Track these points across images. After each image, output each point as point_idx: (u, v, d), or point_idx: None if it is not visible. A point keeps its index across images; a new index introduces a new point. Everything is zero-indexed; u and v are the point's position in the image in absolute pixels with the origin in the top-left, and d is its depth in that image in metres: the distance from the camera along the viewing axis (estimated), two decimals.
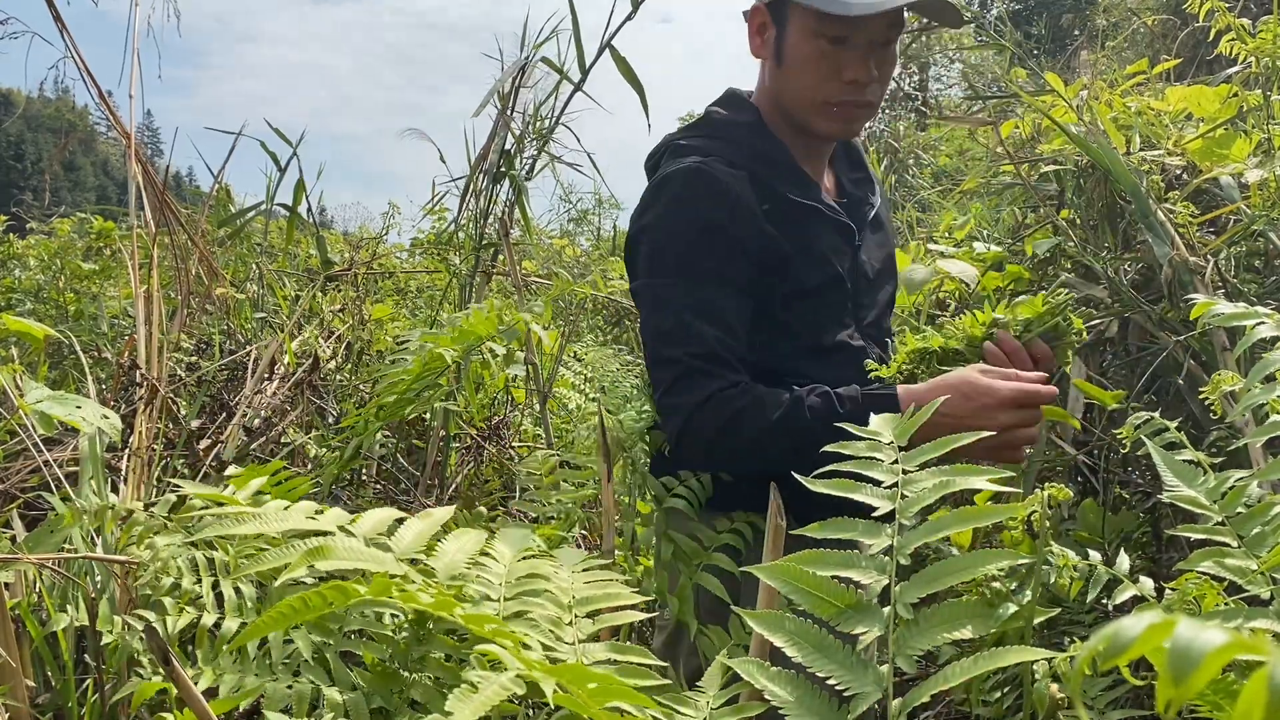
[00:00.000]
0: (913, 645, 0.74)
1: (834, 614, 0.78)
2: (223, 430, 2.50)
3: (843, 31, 1.42)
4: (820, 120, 1.50)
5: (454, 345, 1.75)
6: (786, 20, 1.47)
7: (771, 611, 0.81)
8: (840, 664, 0.75)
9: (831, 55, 1.44)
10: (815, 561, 0.81)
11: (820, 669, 0.75)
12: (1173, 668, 0.27)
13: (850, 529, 0.85)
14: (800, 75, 1.47)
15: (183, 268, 3.18)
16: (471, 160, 3.13)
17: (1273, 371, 0.95)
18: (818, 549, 0.83)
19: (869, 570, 0.80)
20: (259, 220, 3.98)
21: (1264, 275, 2.27)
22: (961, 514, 0.81)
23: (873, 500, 0.86)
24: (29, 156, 53.30)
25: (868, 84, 1.46)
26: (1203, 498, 0.96)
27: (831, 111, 1.48)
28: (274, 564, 0.62)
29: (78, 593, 1.45)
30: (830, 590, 0.79)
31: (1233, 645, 0.27)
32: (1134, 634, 0.29)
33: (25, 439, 2.11)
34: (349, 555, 0.63)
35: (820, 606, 0.78)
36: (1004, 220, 3.05)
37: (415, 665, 0.90)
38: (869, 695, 0.72)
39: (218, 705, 0.94)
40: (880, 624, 0.76)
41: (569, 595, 0.84)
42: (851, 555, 0.82)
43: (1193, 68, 4.44)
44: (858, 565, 0.80)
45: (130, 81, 2.69)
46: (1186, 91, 2.49)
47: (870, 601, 0.78)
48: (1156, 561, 2.08)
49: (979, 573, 0.79)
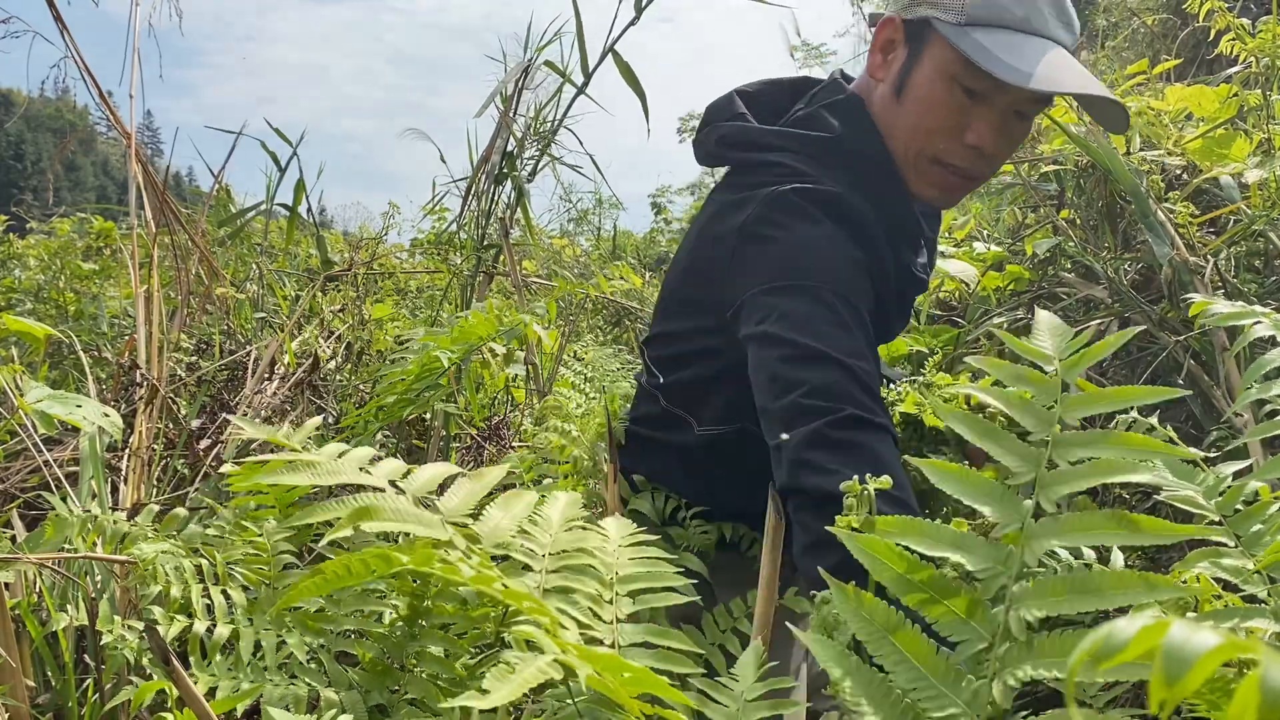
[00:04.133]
0: (1019, 669, 0.55)
1: (923, 605, 0.59)
2: (223, 430, 2.51)
3: (984, 88, 1.22)
4: (918, 179, 1.30)
5: (453, 347, 1.75)
6: (924, 48, 1.25)
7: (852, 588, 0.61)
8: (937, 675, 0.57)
9: (962, 108, 1.24)
10: (917, 532, 0.60)
11: (904, 679, 0.57)
12: (1166, 670, 0.27)
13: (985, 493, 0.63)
14: (919, 119, 1.26)
15: (183, 268, 3.18)
16: (474, 161, 3.13)
17: (1270, 370, 0.95)
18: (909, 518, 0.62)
19: (986, 559, 0.59)
20: (259, 220, 3.98)
21: (1264, 275, 2.27)
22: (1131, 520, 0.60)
23: (1009, 459, 0.64)
24: (29, 156, 53.33)
25: (990, 155, 1.27)
26: (1199, 496, 0.96)
27: (934, 172, 1.29)
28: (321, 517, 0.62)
29: (78, 593, 1.46)
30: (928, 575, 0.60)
31: (1226, 647, 0.27)
32: (1128, 636, 0.29)
33: (25, 439, 2.11)
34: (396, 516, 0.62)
35: (911, 594, 0.59)
36: (1004, 220, 3.05)
37: (411, 662, 0.90)
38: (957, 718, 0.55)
39: (217, 705, 0.95)
40: (987, 634, 0.57)
41: (612, 571, 0.81)
42: (966, 535, 0.62)
43: (1193, 68, 4.44)
44: (973, 549, 0.60)
45: (130, 81, 2.70)
46: (1186, 91, 2.49)
47: (983, 600, 0.59)
48: (1155, 561, 2.08)
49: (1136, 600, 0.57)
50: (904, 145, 1.29)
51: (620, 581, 0.81)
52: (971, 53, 1.18)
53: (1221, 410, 1.93)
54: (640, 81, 2.67)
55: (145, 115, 23.72)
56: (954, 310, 2.90)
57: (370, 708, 0.92)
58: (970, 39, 1.19)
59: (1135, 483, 2.16)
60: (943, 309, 2.93)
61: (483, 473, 0.79)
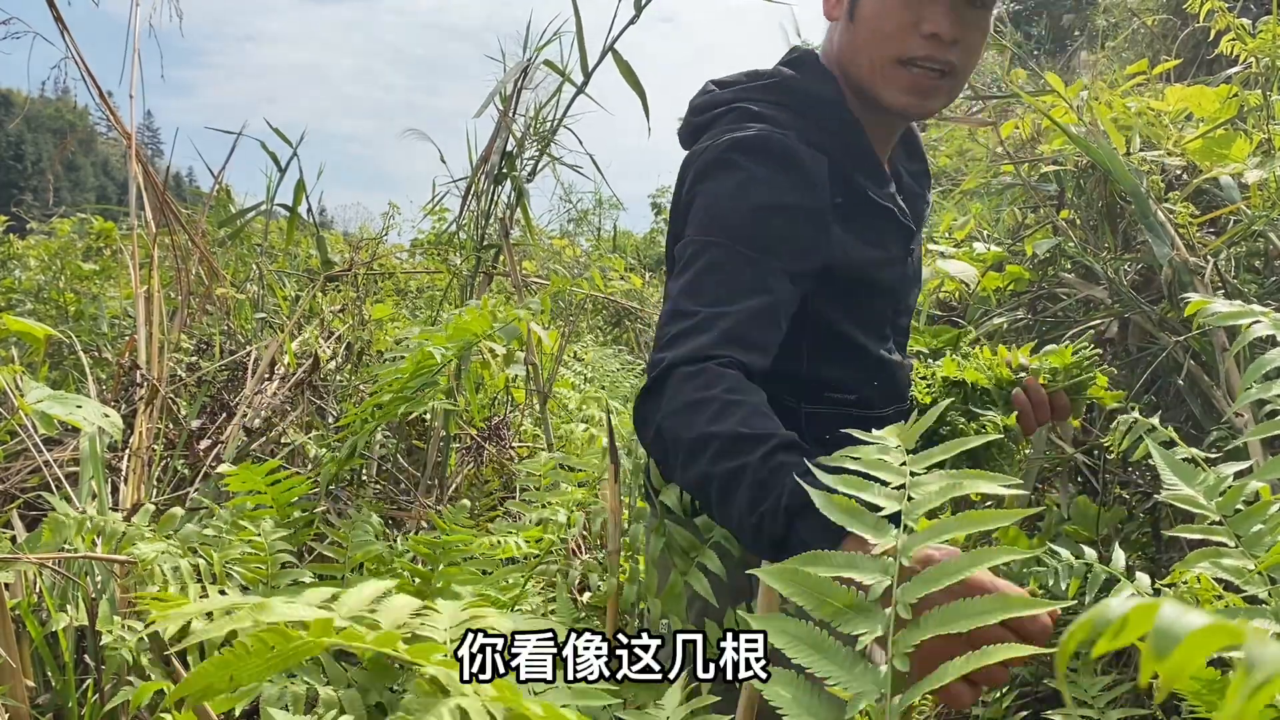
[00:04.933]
0: (910, 644, 0.75)
1: (834, 614, 0.78)
2: (223, 430, 2.51)
3: None
4: (889, 87, 1.33)
5: (447, 343, 1.75)
6: None
7: (772, 614, 0.82)
8: (839, 665, 0.75)
9: (912, 4, 1.30)
10: (818, 562, 0.81)
11: (820, 670, 0.76)
12: (1155, 645, 0.28)
13: (860, 526, 0.85)
14: (874, 27, 1.32)
15: (183, 268, 3.18)
16: (473, 161, 3.13)
17: (1270, 370, 0.95)
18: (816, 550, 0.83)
19: (872, 571, 0.80)
20: (259, 220, 3.98)
21: (1264, 275, 2.27)
22: (966, 517, 0.80)
23: (879, 500, 0.86)
24: (29, 157, 53.35)
25: (950, 42, 1.30)
26: (1200, 496, 0.96)
27: (904, 74, 1.32)
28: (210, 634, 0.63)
29: (78, 593, 1.46)
30: (831, 591, 0.79)
31: (1215, 628, 0.27)
32: (1119, 613, 0.29)
33: (26, 439, 2.11)
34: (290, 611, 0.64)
35: (821, 607, 0.79)
36: (1004, 220, 3.05)
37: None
38: (867, 695, 0.73)
39: (217, 705, 0.94)
40: (881, 624, 0.76)
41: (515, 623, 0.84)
42: (854, 556, 0.82)
43: (1193, 68, 4.44)
44: (860, 566, 0.81)
45: (130, 81, 2.70)
46: (1186, 91, 2.49)
47: (872, 602, 0.79)
48: (1156, 562, 2.08)
49: (976, 569, 0.79)
50: (869, 60, 1.34)
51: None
52: None
53: (1221, 410, 1.93)
54: (640, 81, 2.67)
55: (145, 115, 23.72)
56: (954, 310, 2.91)
57: (369, 706, 0.92)
58: None
59: (1135, 484, 2.17)
60: (943, 309, 2.93)
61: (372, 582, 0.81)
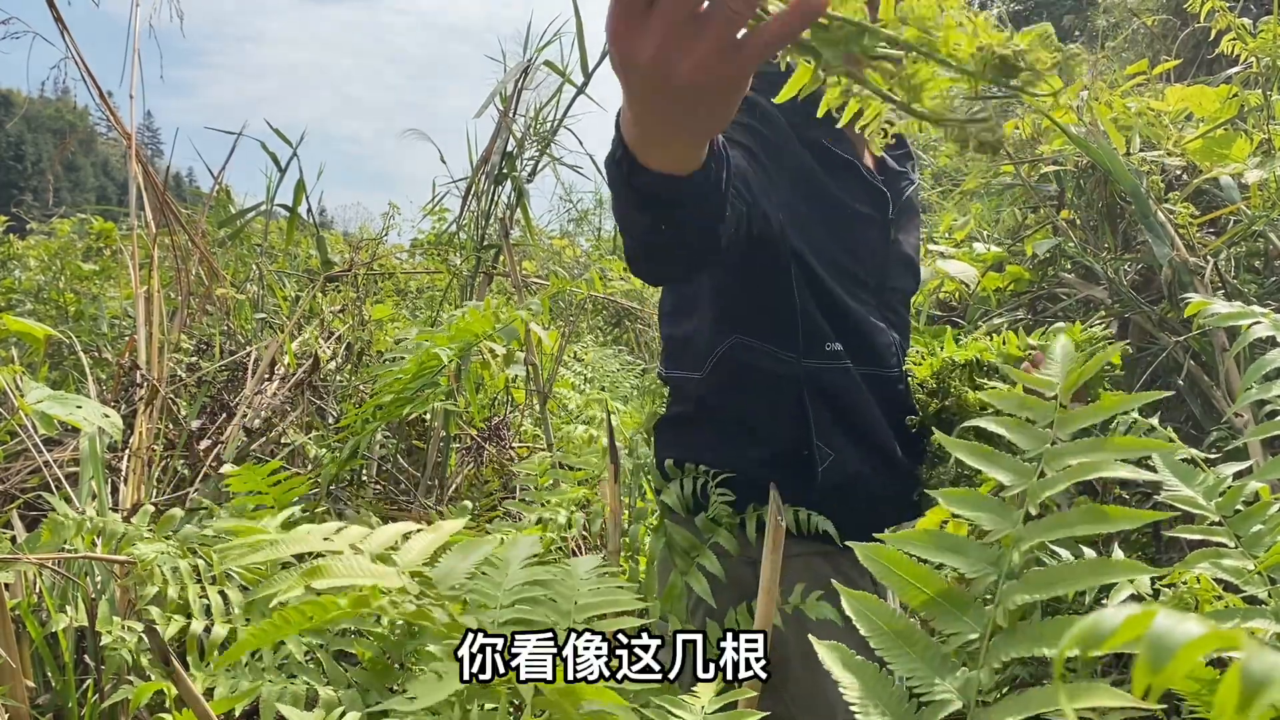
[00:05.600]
0: (1002, 655, 0.65)
1: (926, 604, 0.69)
2: (223, 431, 2.51)
3: None
4: None
5: (449, 344, 1.75)
6: None
7: (863, 594, 0.72)
8: (926, 663, 0.66)
9: None
10: (921, 541, 0.71)
11: (901, 666, 0.67)
12: (1150, 656, 0.27)
13: (983, 507, 0.73)
14: None
15: (183, 268, 3.18)
16: (473, 161, 3.13)
17: (1270, 370, 0.95)
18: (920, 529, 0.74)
19: (979, 561, 0.70)
20: (259, 221, 3.98)
21: (1263, 276, 2.27)
22: (1095, 511, 0.69)
23: (1004, 476, 0.74)
24: (29, 157, 53.35)
25: None
26: (1200, 497, 0.96)
27: None
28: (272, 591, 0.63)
29: (77, 593, 1.46)
30: (927, 577, 0.70)
31: (1210, 636, 0.27)
32: (1113, 625, 0.29)
33: (26, 439, 2.11)
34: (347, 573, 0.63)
35: (912, 594, 0.69)
36: (1004, 221, 3.05)
37: (410, 660, 0.90)
38: (948, 703, 0.64)
39: (217, 705, 0.94)
40: (981, 625, 0.66)
41: (570, 602, 0.83)
42: (962, 540, 0.72)
43: (1193, 68, 4.44)
44: (968, 553, 0.70)
45: (131, 82, 2.70)
46: (1186, 92, 2.49)
47: (975, 598, 0.69)
48: (1156, 562, 2.08)
49: (1101, 582, 0.68)
50: None
51: (578, 610, 0.83)
52: None
53: (1221, 411, 1.93)
54: None
55: (145, 116, 23.70)
56: (954, 310, 2.90)
57: (369, 706, 0.92)
58: None
59: (1135, 484, 2.17)
60: (943, 309, 2.93)
61: (441, 525, 0.80)
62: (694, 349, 1.44)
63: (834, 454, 1.37)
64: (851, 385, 1.39)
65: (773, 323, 1.35)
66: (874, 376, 1.41)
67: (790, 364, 1.36)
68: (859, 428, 1.39)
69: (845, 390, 1.38)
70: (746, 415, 1.41)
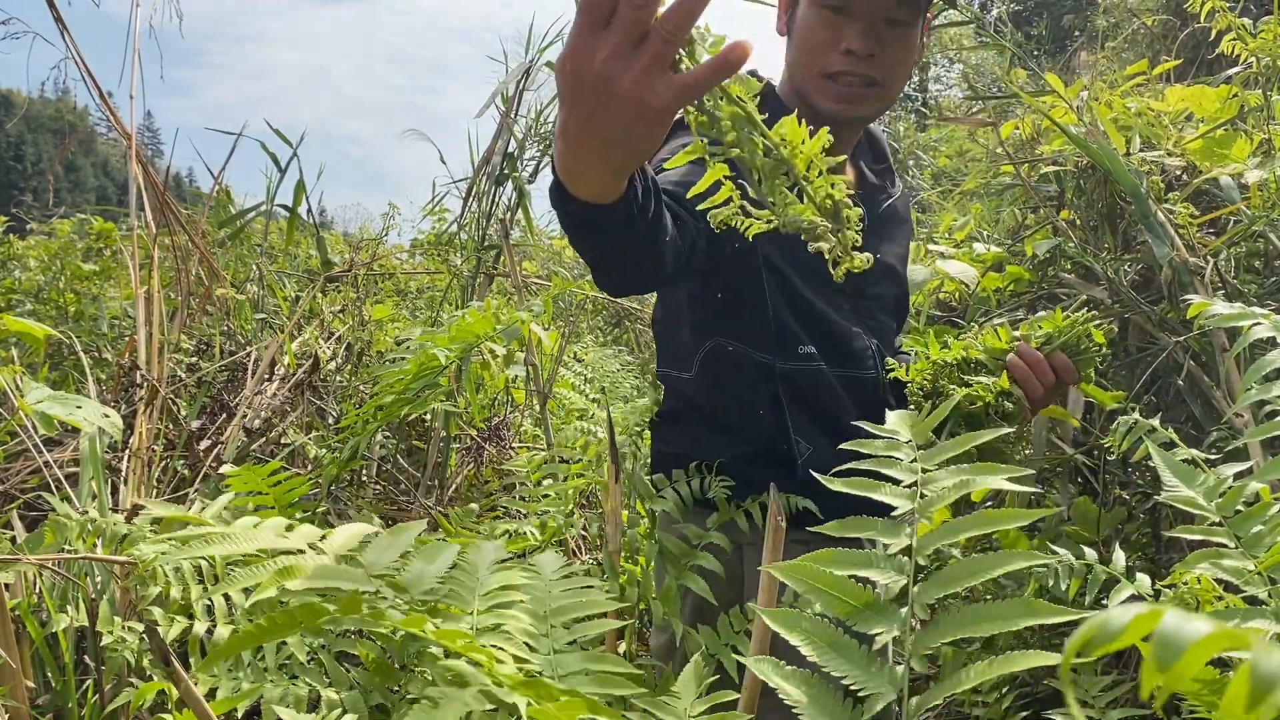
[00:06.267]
0: (928, 645, 0.74)
1: (850, 613, 0.77)
2: (223, 431, 2.51)
3: (843, 2, 1.40)
4: (820, 95, 1.46)
5: (450, 345, 1.75)
6: None
7: (788, 609, 0.80)
8: (856, 664, 0.74)
9: (831, 23, 1.42)
10: (833, 560, 0.80)
11: (835, 669, 0.75)
12: (1158, 655, 0.27)
13: (870, 528, 0.85)
14: (802, 45, 1.45)
15: (183, 268, 3.18)
16: (474, 162, 3.13)
17: (1270, 371, 0.95)
18: (834, 547, 0.83)
19: (887, 570, 0.79)
20: (259, 221, 3.98)
21: (1264, 276, 2.27)
22: (981, 517, 0.80)
23: (891, 500, 0.86)
24: (29, 157, 53.34)
25: (865, 57, 1.42)
26: (1200, 498, 0.96)
27: (829, 85, 1.45)
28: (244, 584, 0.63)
29: (78, 594, 1.46)
30: (847, 589, 0.78)
31: (1218, 635, 0.27)
32: (1122, 623, 0.29)
33: (26, 440, 2.11)
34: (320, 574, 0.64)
35: (836, 605, 0.78)
36: (1004, 221, 3.05)
37: (413, 661, 0.90)
38: (884, 695, 0.72)
39: (217, 706, 0.94)
40: (898, 624, 0.76)
41: (544, 605, 0.84)
42: (870, 554, 0.82)
43: (1193, 68, 4.45)
44: (877, 565, 0.80)
45: (131, 82, 2.70)
46: (1187, 92, 2.49)
47: (888, 601, 0.78)
48: (1156, 563, 2.08)
49: (997, 573, 0.78)
50: (802, 73, 1.47)
51: (554, 614, 0.84)
52: None
53: (1222, 411, 1.93)
54: None
55: (145, 116, 23.71)
56: (954, 311, 2.90)
57: (371, 708, 0.92)
58: None
59: (1135, 484, 2.16)
60: (943, 309, 2.93)
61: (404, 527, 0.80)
62: (682, 349, 1.54)
63: (812, 447, 1.45)
64: (826, 386, 1.48)
65: (748, 327, 1.46)
66: (849, 378, 1.50)
67: (766, 365, 1.46)
68: (835, 425, 1.46)
69: (820, 390, 1.47)
70: (729, 412, 1.50)
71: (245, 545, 0.67)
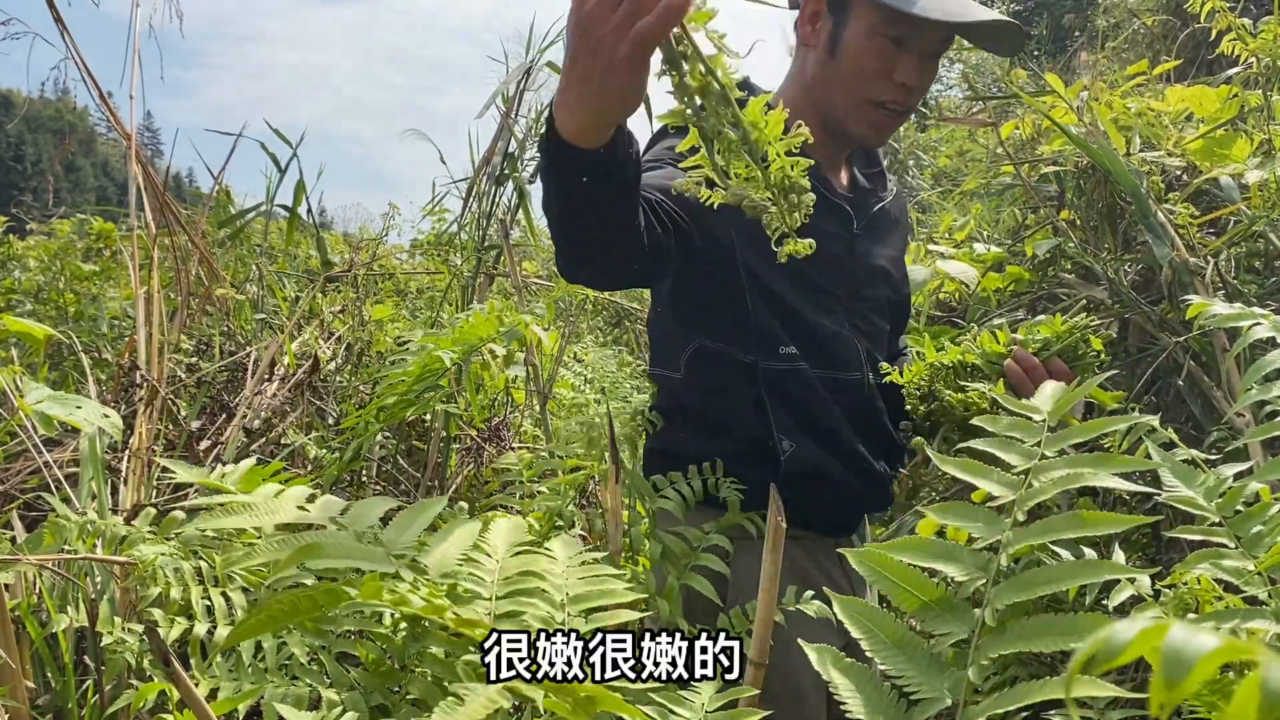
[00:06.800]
0: (991, 653, 0.68)
1: (920, 609, 0.72)
2: (223, 431, 2.51)
3: (906, 33, 1.42)
4: (858, 121, 1.49)
5: (454, 347, 1.75)
6: (848, 14, 1.46)
7: (858, 600, 0.75)
8: (915, 664, 0.69)
9: (888, 54, 1.44)
10: (913, 549, 0.75)
11: (894, 667, 0.70)
12: (1167, 672, 0.27)
13: (974, 518, 0.78)
14: (854, 70, 1.46)
15: (183, 269, 3.18)
16: (474, 162, 3.13)
17: (1270, 371, 0.95)
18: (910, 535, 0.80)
19: (969, 567, 0.73)
20: (259, 221, 3.98)
21: (1264, 276, 2.27)
22: (1079, 517, 0.73)
23: (995, 488, 0.80)
24: (29, 157, 53.31)
25: (913, 90, 1.47)
26: (1200, 498, 0.96)
27: (873, 112, 1.48)
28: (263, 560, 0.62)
29: (78, 594, 1.45)
30: (918, 582, 0.73)
31: (1225, 649, 0.27)
32: (1128, 638, 0.29)
33: (26, 440, 2.11)
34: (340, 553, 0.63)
35: (906, 599, 0.72)
36: (1004, 221, 3.05)
37: (413, 662, 0.90)
38: (938, 701, 0.67)
39: (218, 706, 0.94)
40: (970, 626, 0.70)
41: (563, 593, 0.83)
42: (953, 547, 0.76)
43: (1193, 68, 4.45)
44: (959, 559, 0.74)
45: (131, 82, 2.70)
46: (1187, 92, 2.49)
47: (963, 601, 0.72)
48: (1156, 563, 2.08)
49: (1085, 581, 0.73)
50: (844, 95, 1.49)
51: (571, 602, 0.82)
52: (895, 3, 1.40)
53: (1222, 411, 1.93)
54: None
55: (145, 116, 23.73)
56: (954, 311, 2.90)
57: (372, 708, 0.92)
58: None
59: (1133, 488, 2.16)
60: (943, 310, 2.93)
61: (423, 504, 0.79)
62: (671, 349, 1.57)
63: (795, 445, 1.47)
64: (808, 386, 1.50)
65: (728, 328, 1.49)
66: (833, 379, 1.51)
67: (749, 365, 1.48)
68: (819, 424, 1.49)
69: (802, 390, 1.49)
70: (715, 411, 1.52)
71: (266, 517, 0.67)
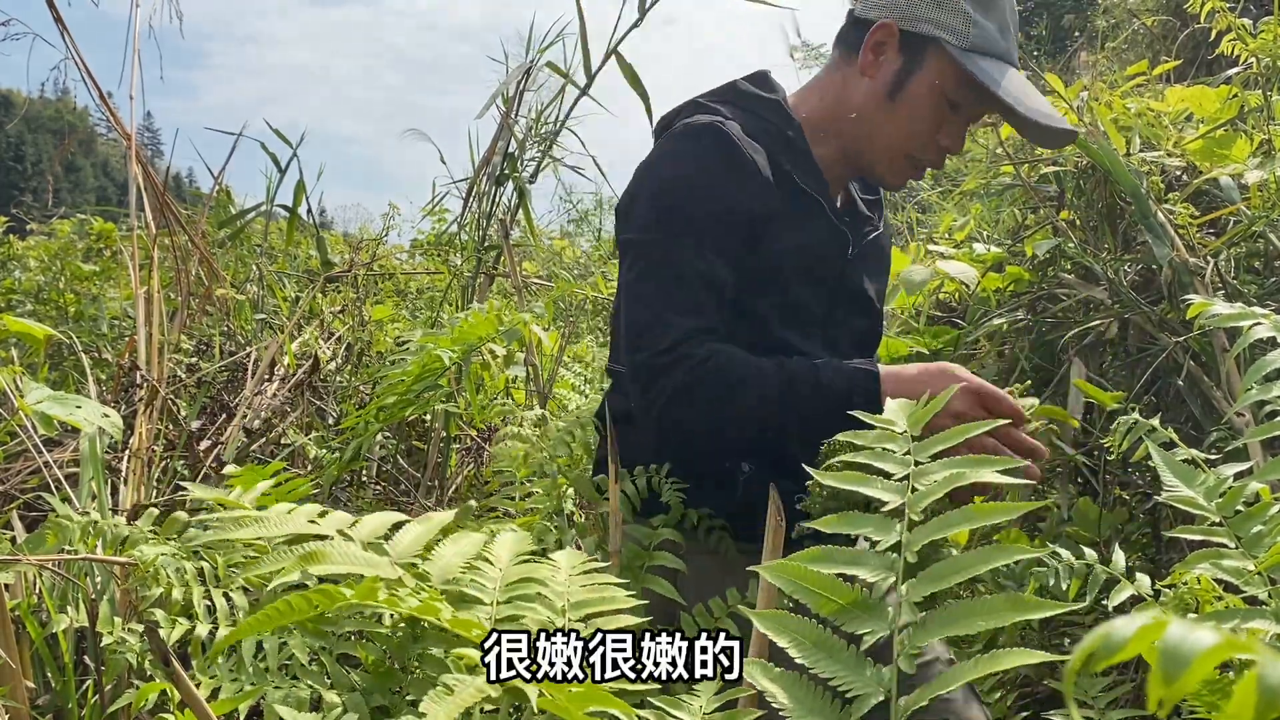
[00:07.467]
0: (916, 645, 0.73)
1: (837, 612, 0.76)
2: (223, 431, 2.51)
3: (968, 102, 1.42)
4: (887, 169, 1.50)
5: (453, 346, 1.75)
6: (922, 60, 1.43)
7: (775, 611, 0.79)
8: (843, 664, 0.73)
9: (940, 115, 1.44)
10: (822, 558, 0.78)
11: (823, 670, 0.73)
12: (1164, 668, 0.27)
13: (863, 524, 0.83)
14: (907, 120, 1.45)
15: (183, 269, 3.18)
16: (475, 162, 3.13)
17: (1270, 371, 0.95)
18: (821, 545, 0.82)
19: (877, 568, 0.78)
20: (259, 221, 3.98)
21: (1264, 276, 2.27)
22: (971, 510, 0.78)
23: (882, 495, 0.85)
24: (29, 158, 53.31)
25: (949, 153, 1.48)
26: (1200, 498, 0.96)
27: (906, 166, 1.49)
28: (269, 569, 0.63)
29: (78, 594, 1.45)
30: (834, 588, 0.77)
31: (1223, 646, 0.27)
32: (1127, 634, 0.29)
33: (26, 440, 2.11)
34: (343, 560, 0.64)
35: (824, 604, 0.76)
36: (1004, 221, 3.05)
37: (413, 663, 0.90)
38: (871, 696, 0.71)
39: (218, 706, 0.94)
40: (886, 623, 0.74)
41: (563, 599, 0.84)
42: (860, 552, 0.80)
43: (1193, 69, 4.45)
44: (866, 563, 0.78)
45: (131, 82, 2.70)
46: (1187, 92, 2.49)
47: (877, 600, 0.76)
48: (1156, 563, 2.08)
49: (985, 569, 0.77)
50: (886, 141, 1.47)
51: (572, 608, 0.84)
52: (980, 77, 1.38)
53: (1222, 411, 1.93)
54: (643, 83, 2.66)
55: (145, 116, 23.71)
56: (954, 311, 2.90)
57: (372, 709, 0.92)
58: (976, 64, 1.40)
59: (1134, 484, 2.16)
60: (943, 310, 2.93)
61: (430, 516, 0.80)
62: None
63: (751, 467, 1.43)
64: None
65: None
66: None
67: None
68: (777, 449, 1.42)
69: None
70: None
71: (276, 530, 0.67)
